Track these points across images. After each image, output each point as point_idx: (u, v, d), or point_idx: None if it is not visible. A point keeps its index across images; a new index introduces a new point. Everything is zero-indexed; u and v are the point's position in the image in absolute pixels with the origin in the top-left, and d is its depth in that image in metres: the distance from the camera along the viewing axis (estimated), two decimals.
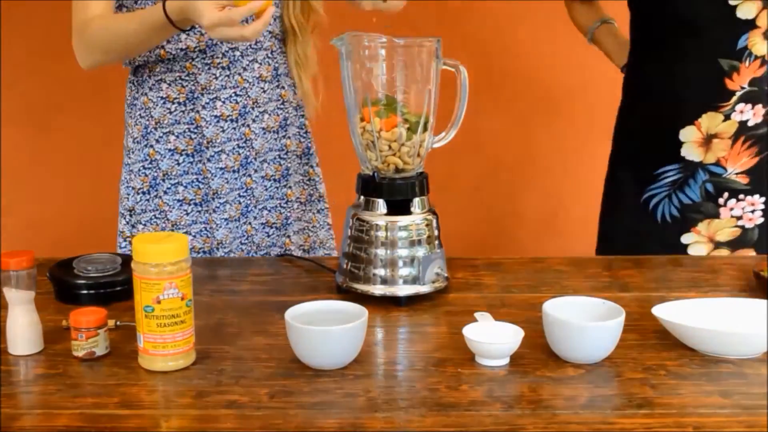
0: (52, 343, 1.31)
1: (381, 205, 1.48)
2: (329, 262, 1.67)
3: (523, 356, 1.24)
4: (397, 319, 1.42)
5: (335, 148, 2.05)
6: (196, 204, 1.79)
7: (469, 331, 1.25)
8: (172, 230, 1.78)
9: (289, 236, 1.87)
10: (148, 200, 1.79)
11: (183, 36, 1.70)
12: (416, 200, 1.49)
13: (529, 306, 1.44)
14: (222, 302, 1.49)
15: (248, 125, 1.78)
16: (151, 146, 1.78)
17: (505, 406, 1.11)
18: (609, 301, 1.29)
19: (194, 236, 1.79)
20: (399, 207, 1.48)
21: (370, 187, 1.49)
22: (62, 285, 1.49)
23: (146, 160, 1.78)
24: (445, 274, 1.51)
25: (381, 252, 1.47)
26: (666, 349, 1.27)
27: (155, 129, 1.77)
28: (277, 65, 1.82)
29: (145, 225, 1.80)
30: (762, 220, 1.97)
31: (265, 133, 1.81)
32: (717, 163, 1.95)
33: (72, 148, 3.08)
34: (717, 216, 1.97)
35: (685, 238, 1.98)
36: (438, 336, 1.35)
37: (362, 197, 1.51)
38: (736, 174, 1.95)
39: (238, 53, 1.75)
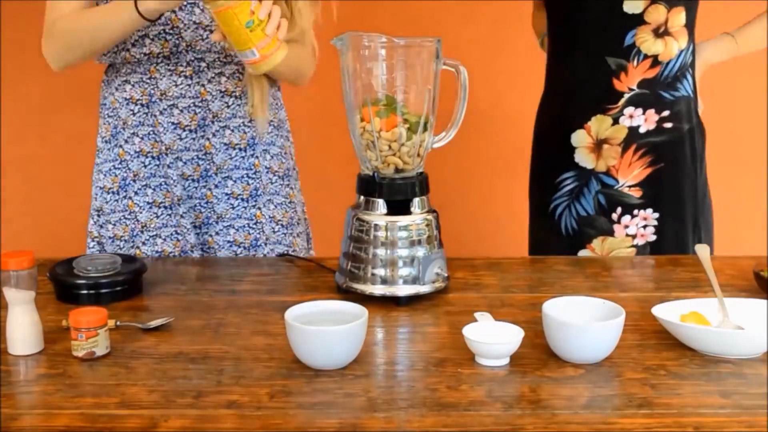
0: (52, 343, 1.31)
1: (381, 205, 1.48)
2: (329, 262, 1.67)
3: (523, 356, 1.24)
4: (397, 319, 1.42)
5: (336, 147, 2.05)
6: (165, 207, 1.77)
7: (469, 331, 1.25)
8: (142, 232, 1.77)
9: (265, 254, 1.83)
10: (117, 200, 1.78)
11: (147, 41, 1.70)
12: (416, 200, 1.49)
13: (529, 306, 1.44)
14: (222, 302, 1.49)
15: (208, 138, 1.76)
16: (121, 146, 1.77)
17: (505, 406, 1.11)
18: (609, 301, 1.29)
19: (164, 239, 1.78)
20: (399, 207, 1.48)
21: (370, 187, 1.49)
22: (62, 285, 1.49)
23: (116, 160, 1.78)
24: (445, 274, 1.51)
25: (381, 252, 1.47)
26: (666, 349, 1.27)
27: (123, 129, 1.77)
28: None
29: (114, 225, 1.79)
30: (654, 237, 1.90)
31: (227, 149, 1.78)
32: (608, 173, 1.88)
33: (72, 148, 3.08)
34: (611, 233, 1.90)
35: (580, 255, 1.91)
36: (438, 336, 1.35)
37: (362, 197, 1.51)
38: (629, 187, 1.87)
39: (204, 64, 1.74)
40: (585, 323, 1.24)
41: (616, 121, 1.86)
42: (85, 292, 1.47)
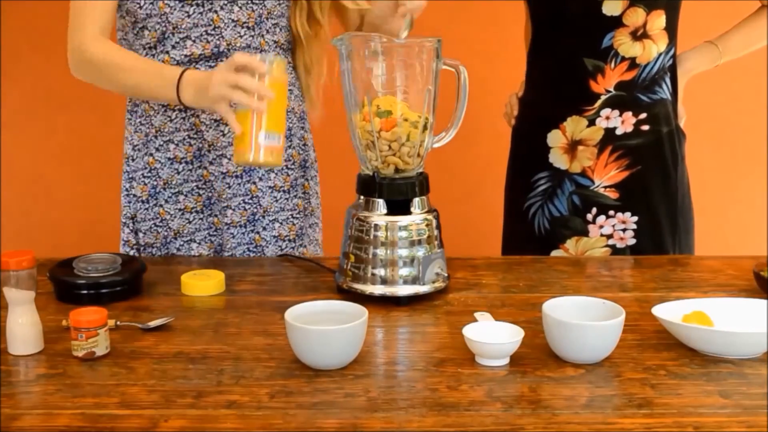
0: (52, 343, 1.31)
1: (381, 205, 1.48)
2: (329, 262, 1.67)
3: (523, 356, 1.24)
4: (397, 319, 1.42)
5: (335, 148, 2.05)
6: (197, 212, 1.77)
7: (469, 331, 1.25)
8: (175, 239, 1.77)
9: (305, 246, 1.83)
10: (147, 209, 1.78)
11: (189, 42, 1.68)
12: (416, 200, 1.49)
13: (529, 306, 1.44)
14: (222, 302, 1.49)
15: None
16: (151, 154, 1.76)
17: (505, 406, 1.11)
18: (609, 301, 1.29)
19: (199, 243, 1.78)
20: (399, 207, 1.48)
21: (370, 187, 1.49)
22: (62, 285, 1.49)
23: (146, 168, 1.77)
24: (445, 274, 1.51)
25: (381, 252, 1.47)
26: (666, 349, 1.27)
27: (155, 137, 1.75)
28: None
29: (145, 233, 1.79)
30: (634, 241, 1.89)
31: None
32: (583, 174, 1.87)
33: (72, 148, 3.08)
34: (585, 233, 1.89)
35: (553, 255, 1.91)
36: (438, 336, 1.35)
37: (362, 197, 1.51)
38: (605, 188, 1.86)
39: None
40: (585, 323, 1.24)
41: (592, 123, 1.85)
42: (85, 292, 1.47)
